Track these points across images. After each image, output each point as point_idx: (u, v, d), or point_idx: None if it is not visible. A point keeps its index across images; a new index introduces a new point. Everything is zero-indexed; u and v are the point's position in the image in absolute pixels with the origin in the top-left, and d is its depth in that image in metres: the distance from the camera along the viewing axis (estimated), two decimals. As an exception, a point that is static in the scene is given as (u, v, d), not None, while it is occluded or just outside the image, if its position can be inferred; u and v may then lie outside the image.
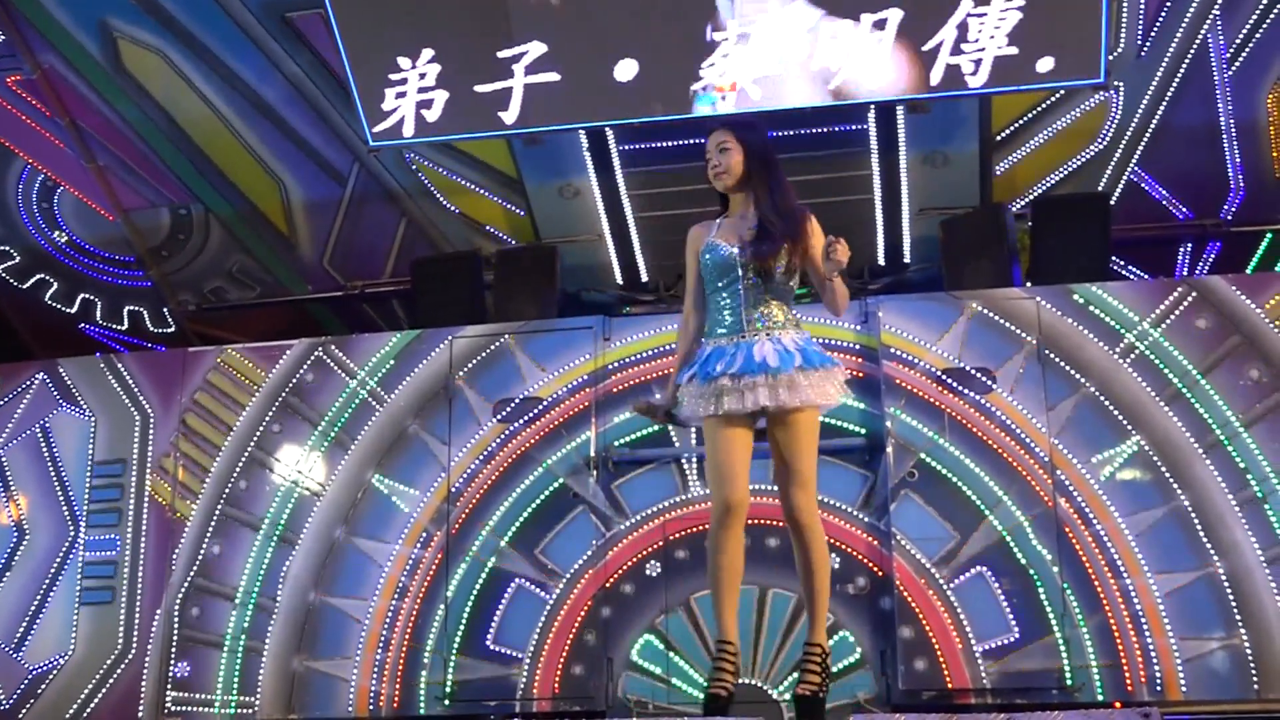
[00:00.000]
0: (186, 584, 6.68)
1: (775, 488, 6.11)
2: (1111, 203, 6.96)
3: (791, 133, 7.01)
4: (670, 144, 7.11)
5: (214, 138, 7.66)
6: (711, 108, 6.54)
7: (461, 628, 6.29)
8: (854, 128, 6.97)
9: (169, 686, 6.57)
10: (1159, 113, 7.03)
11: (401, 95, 6.76)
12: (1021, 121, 7.12)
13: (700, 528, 6.18)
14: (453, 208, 7.87)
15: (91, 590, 6.80)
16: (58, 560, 6.89)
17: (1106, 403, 5.94)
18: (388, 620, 6.36)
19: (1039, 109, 7.08)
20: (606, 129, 6.93)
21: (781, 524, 6.05)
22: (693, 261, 3.88)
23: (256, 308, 8.38)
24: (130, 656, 6.68)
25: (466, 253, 7.60)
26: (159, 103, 7.53)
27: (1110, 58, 6.30)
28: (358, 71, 6.75)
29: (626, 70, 6.28)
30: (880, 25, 6.20)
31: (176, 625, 6.63)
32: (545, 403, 6.41)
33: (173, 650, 6.61)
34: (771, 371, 3.62)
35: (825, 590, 3.74)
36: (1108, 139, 7.13)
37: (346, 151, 7.69)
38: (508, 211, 7.84)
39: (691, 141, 7.10)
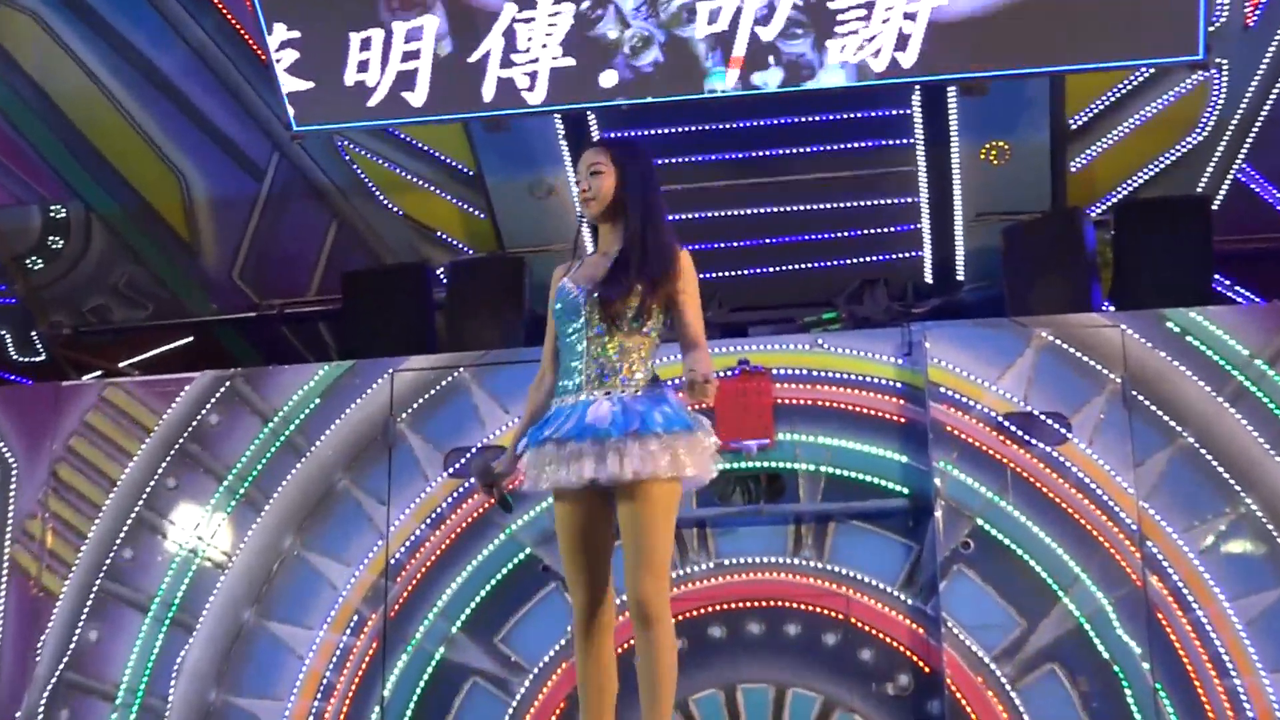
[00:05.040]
0: (55, 679, 6.62)
1: (792, 561, 6.21)
2: (1214, 208, 6.98)
3: (818, 118, 7.03)
4: (668, 131, 7.12)
5: (98, 119, 7.65)
6: (722, 84, 6.59)
7: (401, 735, 6.26)
8: (894, 112, 7.00)
9: (32, 808, 6.51)
10: (1271, 98, 7.07)
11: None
12: (1101, 105, 7.16)
13: (702, 610, 6.16)
14: (396, 209, 7.87)
15: (-64, 686, 6.76)
16: (-106, 647, 6.84)
17: (1209, 457, 5.92)
18: (309, 725, 6.33)
19: (1123, 90, 7.12)
20: (588, 112, 6.97)
21: (801, 607, 6.10)
22: (550, 309, 4.04)
23: (149, 331, 8.36)
24: (-17, 770, 6.62)
25: (412, 264, 7.57)
26: (30, 75, 7.52)
27: (1210, 29, 6.35)
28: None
29: None
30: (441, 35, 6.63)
31: (42, 730, 6.59)
32: (509, 453, 6.38)
33: (37, 762, 6.56)
34: (598, 436, 3.69)
35: (669, 698, 3.73)
36: (1208, 129, 7.16)
37: (264, 138, 7.68)
38: (464, 213, 7.84)
39: (696, 128, 7.13)
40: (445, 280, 7.46)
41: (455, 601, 6.33)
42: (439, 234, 7.92)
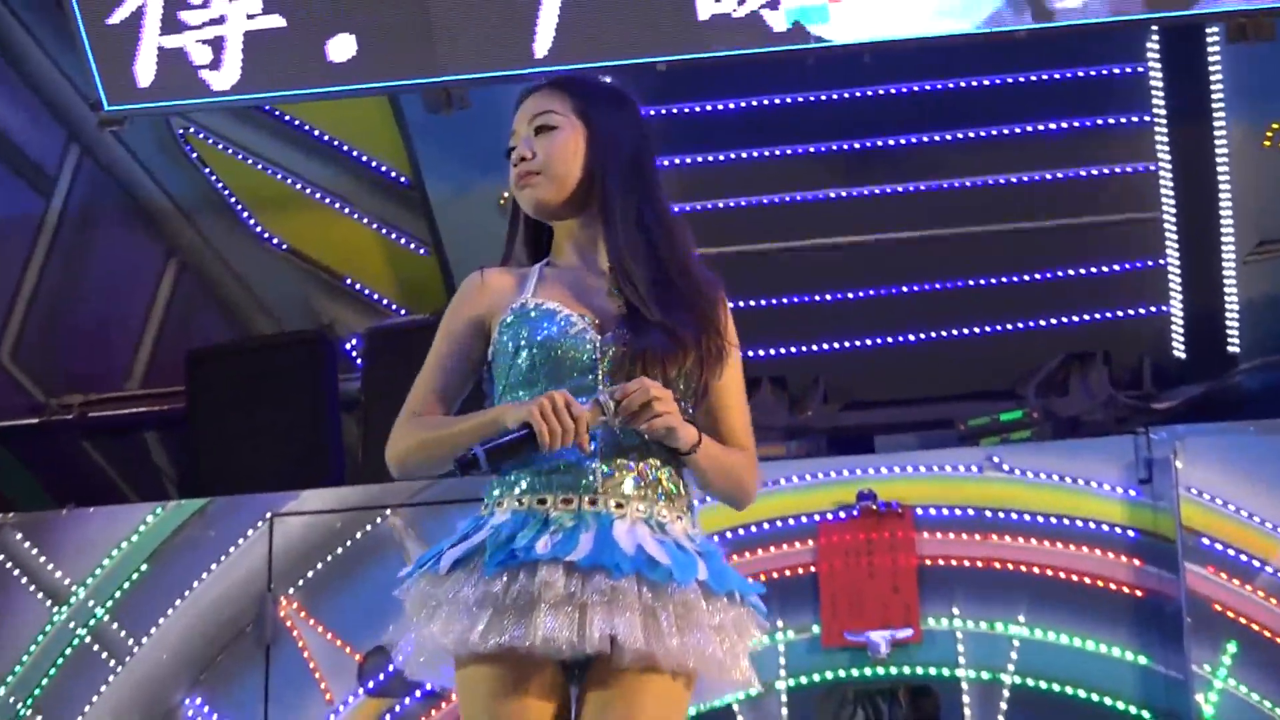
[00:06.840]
0: None
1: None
2: None
3: (987, 82, 7.10)
4: (728, 106, 7.26)
5: None
6: (819, 25, 6.62)
7: None
8: (1119, 71, 7.06)
9: None
10: None
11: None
12: None
13: None
14: (277, 240, 7.95)
15: None
16: None
17: None
18: None
19: None
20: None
21: None
22: (461, 329, 3.87)
23: None
24: None
25: (305, 334, 7.70)
26: None
27: None
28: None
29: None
30: None
31: None
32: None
33: None
34: (651, 577, 3.61)
35: None
36: None
37: (55, 125, 7.80)
38: (394, 247, 7.95)
39: (778, 100, 7.26)
40: (361, 361, 7.51)
41: None
42: (350, 282, 7.98)
